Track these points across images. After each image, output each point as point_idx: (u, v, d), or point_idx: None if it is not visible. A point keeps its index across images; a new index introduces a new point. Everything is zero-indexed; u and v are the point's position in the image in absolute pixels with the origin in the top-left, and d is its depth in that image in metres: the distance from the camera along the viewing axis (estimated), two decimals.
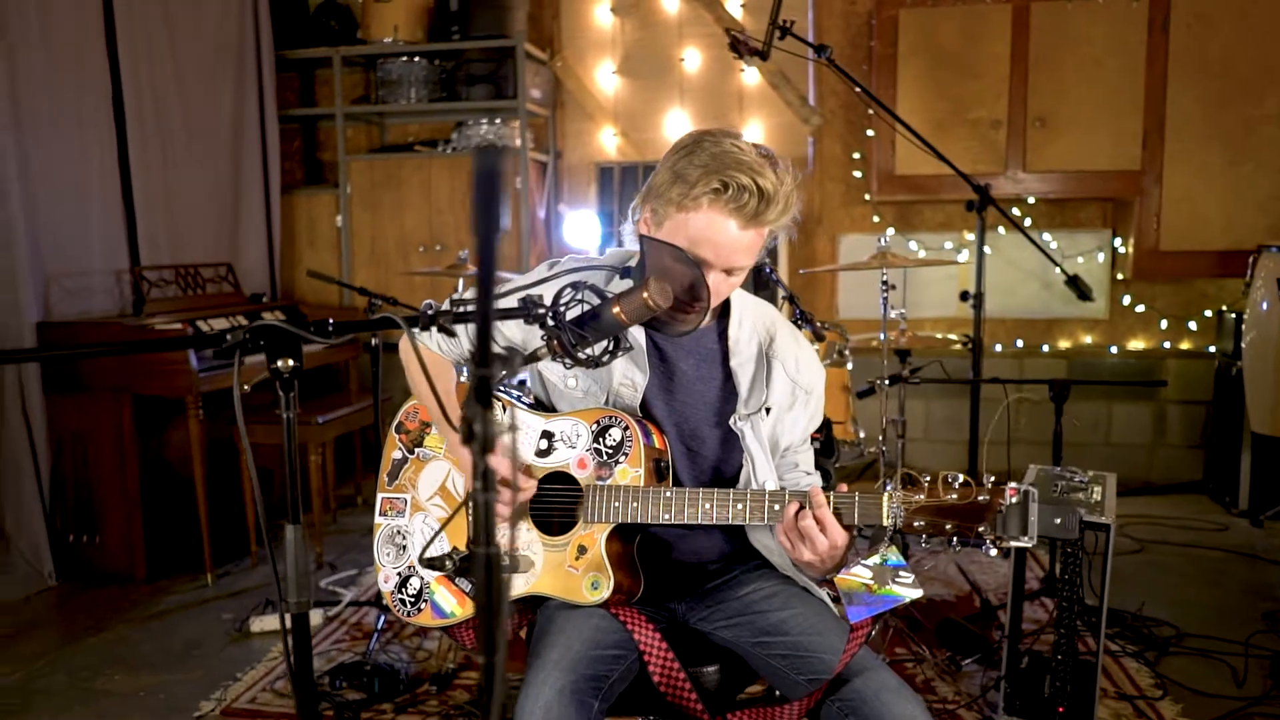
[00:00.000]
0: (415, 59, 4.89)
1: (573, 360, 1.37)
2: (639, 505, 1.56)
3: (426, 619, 1.67)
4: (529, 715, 1.39)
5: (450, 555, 1.43)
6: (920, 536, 1.43)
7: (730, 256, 1.54)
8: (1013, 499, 1.36)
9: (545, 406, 1.74)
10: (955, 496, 1.41)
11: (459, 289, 3.64)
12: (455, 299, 1.69)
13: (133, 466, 3.56)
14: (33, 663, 2.95)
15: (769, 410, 1.70)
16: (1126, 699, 2.63)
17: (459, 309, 1.27)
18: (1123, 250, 4.69)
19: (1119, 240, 4.72)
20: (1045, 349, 4.87)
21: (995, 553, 1.39)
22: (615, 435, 1.59)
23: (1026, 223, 4.69)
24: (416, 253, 4.90)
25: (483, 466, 0.86)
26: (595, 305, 1.38)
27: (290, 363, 1.20)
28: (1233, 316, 4.37)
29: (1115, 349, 4.81)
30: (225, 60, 4.62)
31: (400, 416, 1.77)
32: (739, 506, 1.53)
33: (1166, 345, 4.78)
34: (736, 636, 1.66)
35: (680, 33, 5.03)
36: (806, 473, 1.79)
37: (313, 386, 4.69)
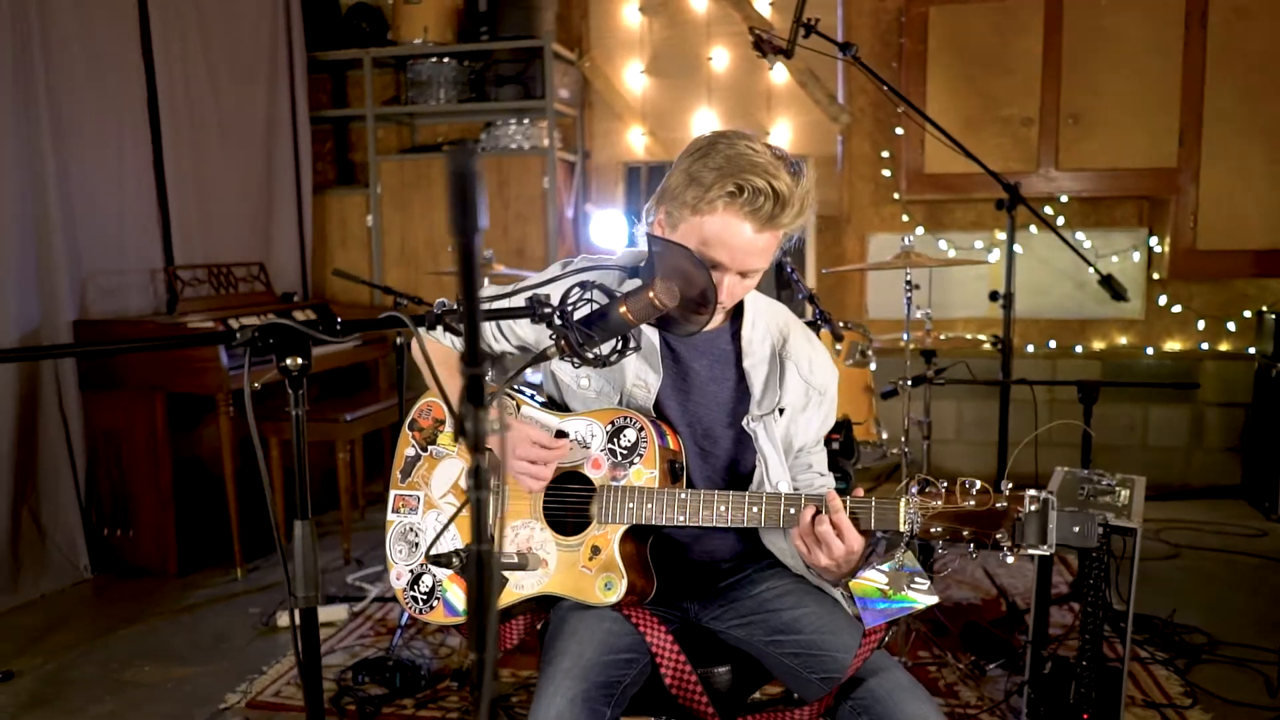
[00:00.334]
0: (444, 60, 4.92)
1: (580, 360, 1.37)
2: (653, 506, 1.55)
3: (439, 616, 1.68)
4: None
5: (458, 553, 1.44)
6: (936, 543, 1.41)
7: (745, 259, 1.53)
8: (1031, 507, 1.34)
9: (559, 406, 1.74)
10: (973, 503, 1.39)
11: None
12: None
13: (165, 463, 3.62)
14: (67, 653, 3.01)
15: (782, 411, 1.69)
16: (1154, 707, 2.59)
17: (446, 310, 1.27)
18: (1159, 249, 4.61)
19: (1155, 239, 4.64)
20: (1078, 350, 4.80)
21: (1013, 560, 1.37)
22: (630, 436, 1.58)
23: (1059, 222, 4.62)
24: (445, 252, 4.94)
25: (476, 465, 0.87)
26: (603, 305, 1.38)
27: (299, 361, 1.21)
28: (1273, 317, 4.28)
29: (1151, 350, 4.73)
30: (258, 62, 4.68)
31: (414, 414, 1.78)
32: (754, 509, 1.52)
33: (1204, 346, 4.69)
34: (749, 635, 1.65)
35: (708, 32, 5.02)
36: (820, 473, 1.78)
37: (344, 384, 4.75)
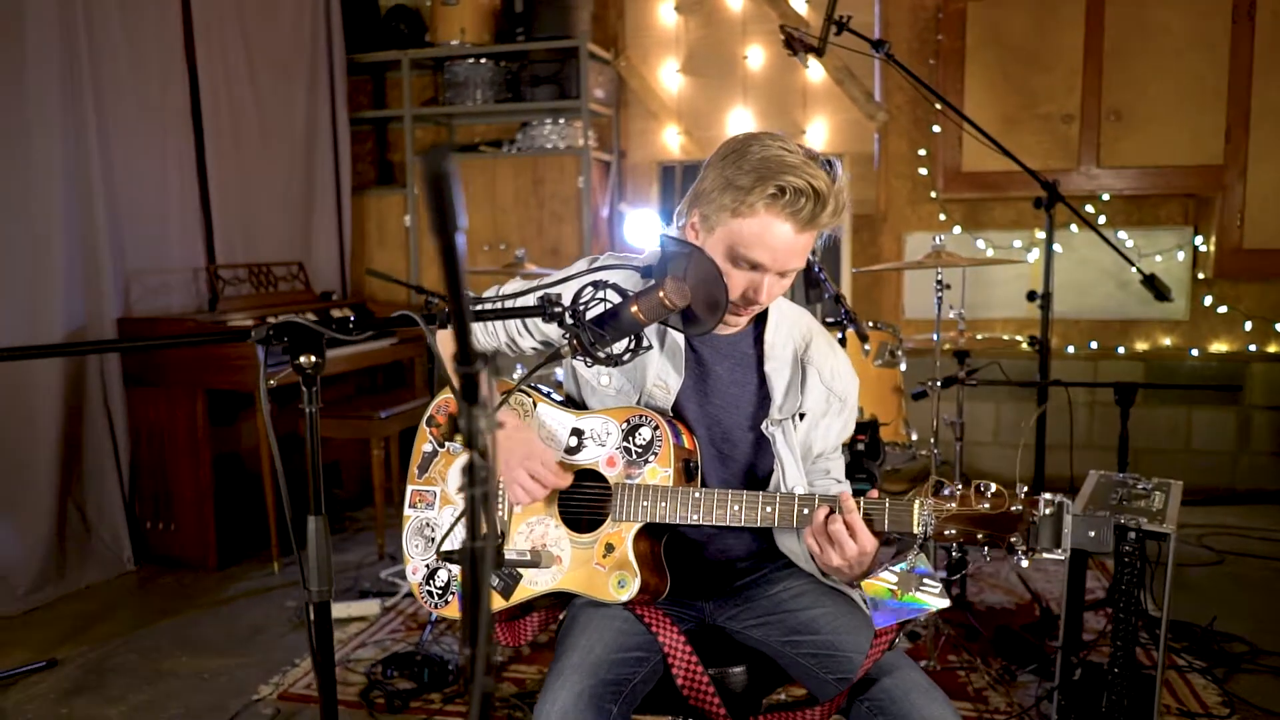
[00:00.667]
0: (481, 61, 4.96)
1: (592, 359, 1.37)
2: (667, 505, 1.56)
3: (454, 611, 1.70)
4: (544, 717, 1.40)
5: None
6: (951, 545, 1.40)
7: (786, 260, 1.53)
8: (1046, 511, 1.32)
9: (578, 403, 1.76)
10: (988, 505, 1.37)
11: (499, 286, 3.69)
12: (491, 294, 1.71)
13: (205, 458, 3.70)
14: (109, 642, 3.08)
15: (803, 416, 1.69)
16: (1189, 716, 2.54)
17: (475, 306, 1.29)
18: (1204, 248, 4.51)
19: (1200, 238, 4.54)
20: (1120, 351, 4.71)
21: (1027, 563, 1.35)
22: (645, 434, 1.59)
23: (1101, 220, 4.54)
24: (482, 251, 4.98)
25: (470, 462, 0.88)
26: (615, 304, 1.39)
27: (313, 359, 1.23)
28: None
29: (1196, 352, 4.63)
30: (299, 64, 4.76)
31: (431, 410, 1.80)
32: (768, 509, 1.52)
33: (1252, 348, 4.58)
34: (766, 635, 1.65)
35: (744, 30, 5.00)
36: (837, 480, 1.78)
37: (382, 382, 4.81)
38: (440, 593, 1.70)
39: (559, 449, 1.67)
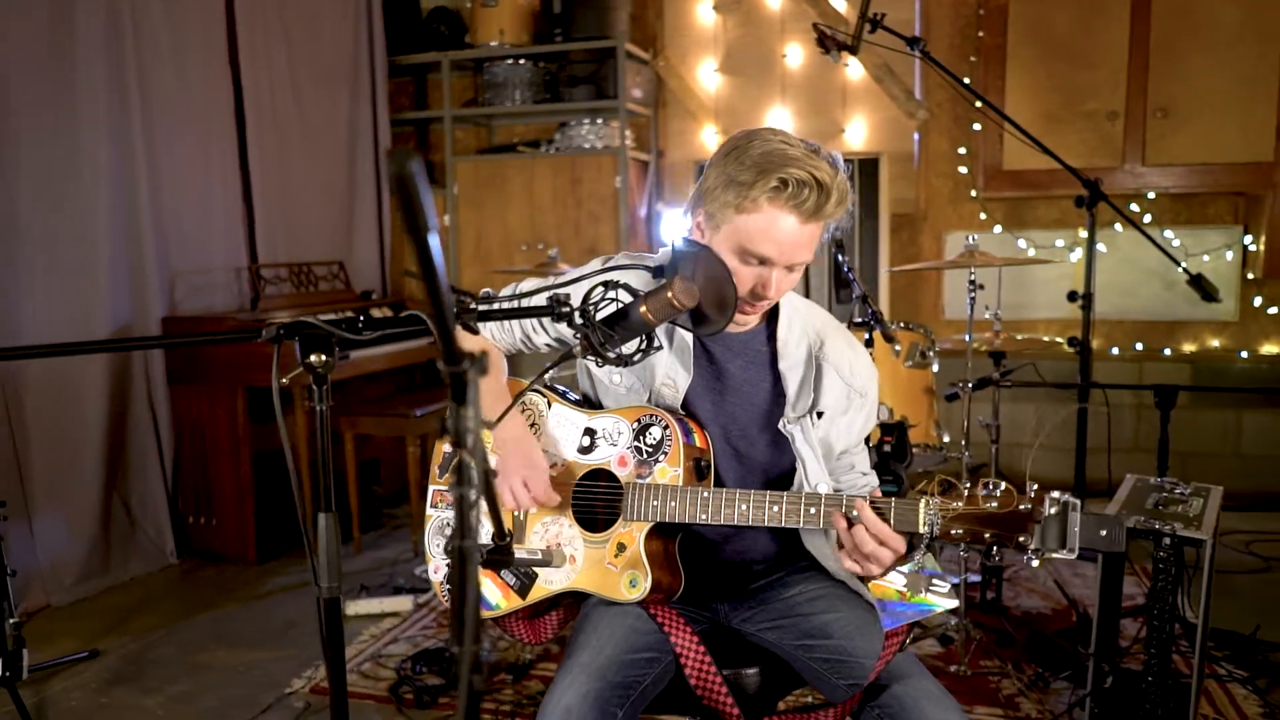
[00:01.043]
0: (520, 61, 5.00)
1: (602, 359, 1.38)
2: (677, 505, 1.56)
3: None
4: (549, 716, 1.41)
5: (480, 546, 1.47)
6: (959, 545, 1.38)
7: (792, 253, 1.53)
8: (1051, 510, 1.30)
9: (593, 401, 1.76)
10: (995, 505, 1.35)
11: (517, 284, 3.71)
12: (510, 293, 1.72)
13: (245, 454, 3.77)
14: (150, 634, 3.16)
15: (820, 414, 1.67)
16: None
17: (482, 305, 1.30)
18: (1254, 248, 4.39)
19: (1249, 237, 4.42)
20: (1167, 353, 4.60)
21: (1037, 563, 1.33)
22: (655, 434, 1.59)
23: (1147, 219, 4.44)
24: (519, 250, 5.01)
25: (459, 461, 0.89)
26: (625, 304, 1.39)
27: (323, 358, 1.25)
28: None
29: (1245, 354, 4.50)
30: (341, 67, 4.83)
31: None
32: (774, 509, 1.51)
33: None
34: (780, 639, 1.64)
35: (782, 28, 4.97)
36: (863, 472, 1.77)
37: (420, 380, 4.86)
38: None
39: (570, 451, 1.68)
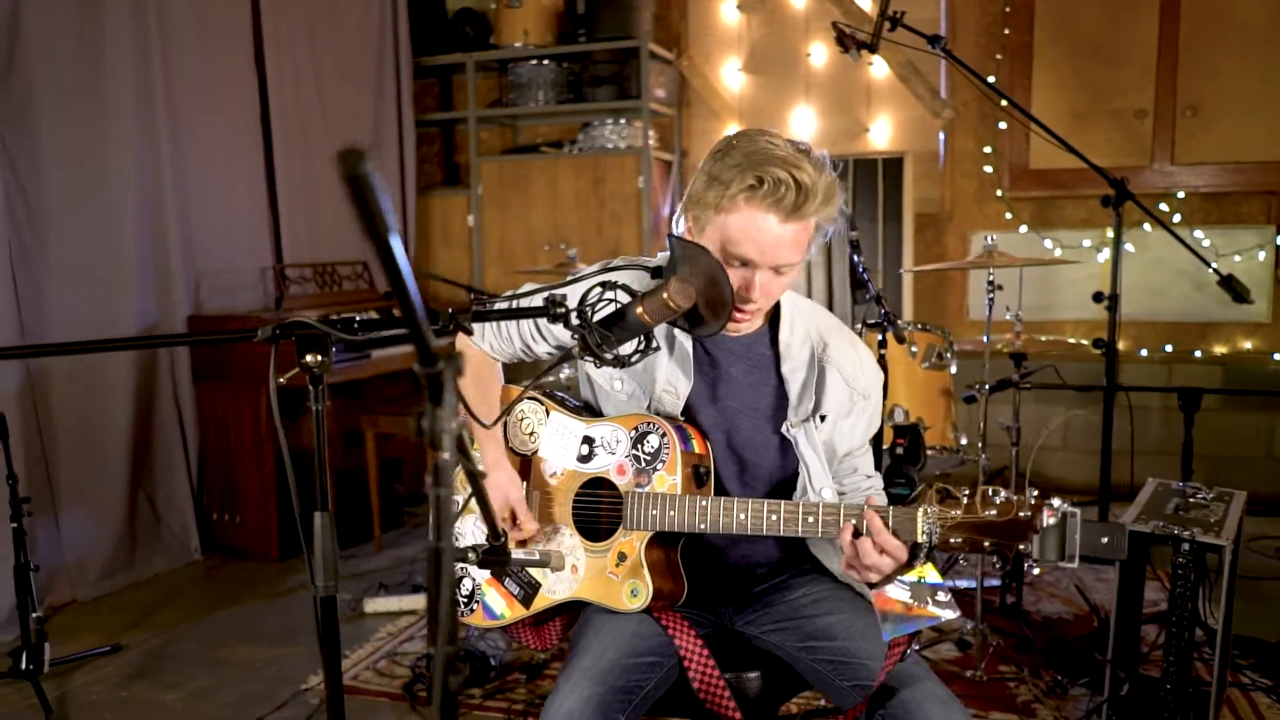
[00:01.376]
0: (544, 62, 5.01)
1: (600, 360, 1.37)
2: (675, 514, 1.54)
3: (479, 619, 1.71)
4: (550, 718, 1.41)
5: (474, 548, 1.47)
6: (958, 555, 1.36)
7: (775, 253, 1.50)
8: (1049, 520, 1.27)
9: (593, 409, 1.76)
10: (994, 513, 1.33)
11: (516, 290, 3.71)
12: (510, 295, 1.72)
13: (268, 452, 3.81)
14: (172, 629, 3.20)
15: (824, 417, 1.66)
16: None
17: (479, 307, 1.30)
18: None
19: None
20: (1197, 355, 4.52)
21: (1039, 571, 1.31)
22: (653, 441, 1.58)
23: (1176, 219, 4.36)
24: (542, 251, 5.03)
25: (437, 463, 0.89)
26: (622, 305, 1.38)
27: (319, 358, 1.26)
28: None
29: (1278, 355, 4.41)
30: (366, 68, 4.86)
31: None
32: (773, 517, 1.49)
33: None
34: (783, 641, 1.63)
35: (807, 27, 4.95)
36: (866, 475, 1.75)
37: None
38: (465, 601, 1.72)
39: (570, 459, 1.68)
